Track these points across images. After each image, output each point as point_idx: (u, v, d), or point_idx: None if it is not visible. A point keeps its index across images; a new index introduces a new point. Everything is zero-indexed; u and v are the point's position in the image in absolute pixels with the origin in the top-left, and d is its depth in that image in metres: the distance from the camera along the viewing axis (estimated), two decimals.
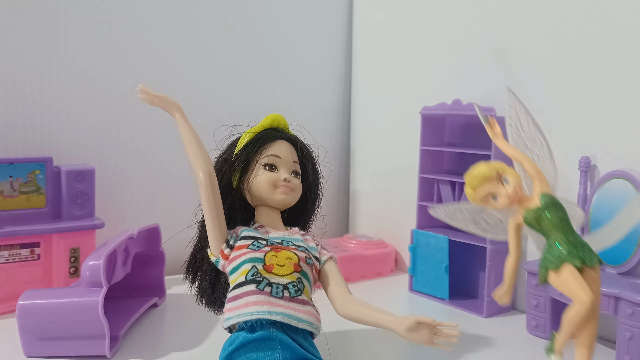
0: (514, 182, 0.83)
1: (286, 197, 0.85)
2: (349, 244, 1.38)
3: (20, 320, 0.85)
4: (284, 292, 0.75)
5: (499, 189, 0.83)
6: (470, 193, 0.86)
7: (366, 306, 0.79)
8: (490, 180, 0.84)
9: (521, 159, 0.86)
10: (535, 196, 0.82)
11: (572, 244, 0.78)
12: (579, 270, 0.76)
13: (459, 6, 1.24)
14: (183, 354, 0.89)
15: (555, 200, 0.82)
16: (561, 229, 0.79)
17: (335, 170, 1.57)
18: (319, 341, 0.81)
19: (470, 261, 1.19)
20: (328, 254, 0.85)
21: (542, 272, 0.80)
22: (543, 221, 0.80)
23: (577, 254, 0.77)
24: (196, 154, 0.81)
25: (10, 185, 1.07)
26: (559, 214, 0.80)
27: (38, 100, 1.18)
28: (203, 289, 0.89)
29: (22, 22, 1.15)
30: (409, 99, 1.35)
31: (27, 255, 1.06)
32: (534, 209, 0.81)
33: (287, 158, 0.86)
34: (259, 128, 0.87)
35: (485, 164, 0.85)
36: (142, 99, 0.85)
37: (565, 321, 0.75)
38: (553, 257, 0.78)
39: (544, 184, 0.83)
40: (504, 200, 0.83)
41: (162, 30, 1.30)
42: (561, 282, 0.77)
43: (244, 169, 0.84)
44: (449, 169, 1.25)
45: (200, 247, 0.88)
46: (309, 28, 1.50)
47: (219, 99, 1.37)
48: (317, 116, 1.53)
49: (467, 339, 0.99)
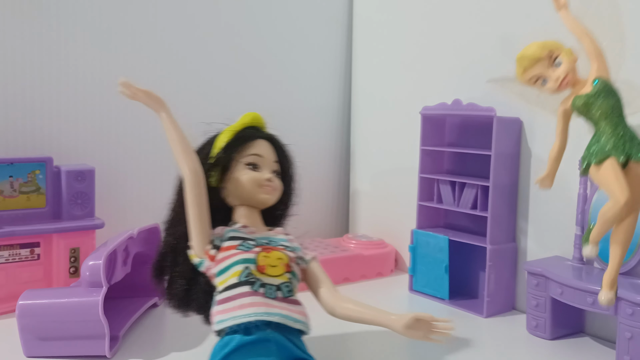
0: (566, 65, 0.77)
1: (270, 197, 0.84)
2: (349, 244, 1.38)
3: (20, 320, 0.85)
4: (277, 292, 0.75)
5: (549, 72, 0.78)
6: (520, 74, 0.81)
7: (361, 305, 0.79)
8: (541, 61, 0.78)
9: (582, 35, 0.78)
10: (590, 80, 0.76)
11: (619, 136, 0.73)
12: (623, 165, 0.72)
13: (459, 6, 1.24)
14: (183, 354, 0.89)
15: (609, 86, 0.76)
16: (611, 119, 0.74)
17: (335, 170, 1.58)
18: (318, 343, 0.81)
19: (470, 261, 1.19)
20: (311, 253, 0.85)
21: (583, 164, 0.76)
22: (592, 109, 0.75)
23: (623, 147, 0.72)
24: (183, 153, 0.79)
25: (10, 185, 1.07)
26: (611, 102, 0.74)
27: (38, 100, 1.18)
28: (175, 292, 0.84)
29: (22, 22, 1.15)
30: (409, 99, 1.35)
31: (27, 255, 1.06)
32: (584, 95, 0.75)
33: (269, 157, 0.85)
34: (239, 127, 0.86)
35: (538, 43, 0.79)
36: (122, 92, 0.81)
37: (599, 214, 0.72)
38: (597, 149, 0.73)
39: (601, 67, 0.77)
40: (553, 84, 0.78)
41: (163, 32, 1.30)
42: (600, 176, 0.73)
43: (225, 168, 0.83)
44: (449, 169, 1.25)
45: (171, 247, 0.84)
46: (308, 28, 1.50)
47: (218, 100, 1.37)
48: (317, 116, 1.53)
49: (467, 339, 0.99)
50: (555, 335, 1.00)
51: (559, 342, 0.99)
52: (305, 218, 1.52)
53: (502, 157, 1.09)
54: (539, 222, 1.10)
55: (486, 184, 1.10)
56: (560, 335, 1.00)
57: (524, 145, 1.12)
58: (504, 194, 1.11)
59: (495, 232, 1.10)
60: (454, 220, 1.25)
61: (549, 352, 0.95)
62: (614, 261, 0.76)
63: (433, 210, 1.24)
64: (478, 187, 1.13)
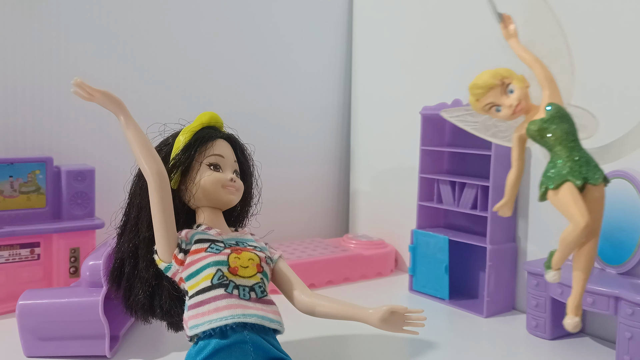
0: (519, 92, 0.77)
1: (233, 197, 0.82)
2: (349, 244, 1.38)
3: (20, 320, 0.84)
4: (250, 293, 0.74)
5: (502, 100, 0.78)
6: (473, 102, 0.81)
7: (334, 301, 0.78)
8: (494, 89, 0.79)
9: (532, 62, 0.79)
10: (542, 106, 0.77)
11: (575, 161, 0.73)
12: (580, 189, 0.72)
13: (459, 6, 1.24)
14: (183, 354, 0.88)
15: (562, 111, 0.76)
16: (566, 143, 0.74)
17: (335, 170, 1.58)
18: (302, 342, 0.81)
19: (470, 261, 1.19)
20: (277, 252, 0.83)
21: (541, 190, 0.76)
22: (546, 134, 0.75)
23: (579, 171, 0.72)
24: (147, 155, 0.76)
25: (10, 185, 1.07)
26: (565, 127, 0.75)
27: (38, 100, 1.18)
28: (137, 299, 0.81)
29: (22, 22, 1.15)
30: (409, 99, 1.35)
31: (27, 255, 1.06)
32: (538, 120, 0.76)
33: (229, 157, 0.83)
34: (197, 127, 0.83)
35: (490, 71, 0.79)
36: (76, 93, 0.78)
37: (560, 239, 0.72)
38: (554, 174, 0.74)
39: (553, 93, 0.77)
40: (506, 111, 0.78)
41: (163, 32, 1.30)
42: (558, 200, 0.73)
43: (185, 170, 0.81)
44: (449, 169, 1.25)
45: (130, 253, 0.81)
46: (308, 28, 1.50)
47: (218, 99, 1.37)
48: (317, 116, 1.53)
49: (467, 339, 0.99)
50: (555, 335, 1.00)
51: (559, 342, 0.99)
52: (306, 218, 1.53)
53: (502, 157, 1.09)
54: (539, 222, 1.10)
55: (486, 184, 1.10)
56: (560, 335, 1.00)
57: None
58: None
59: (495, 232, 1.10)
60: (454, 220, 1.25)
61: (549, 352, 0.95)
62: (578, 287, 0.76)
63: (433, 210, 1.24)
64: (478, 187, 1.13)
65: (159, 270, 0.79)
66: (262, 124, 1.44)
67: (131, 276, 0.82)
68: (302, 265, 1.22)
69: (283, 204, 1.48)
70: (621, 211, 0.94)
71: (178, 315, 0.82)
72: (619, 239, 0.95)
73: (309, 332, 0.98)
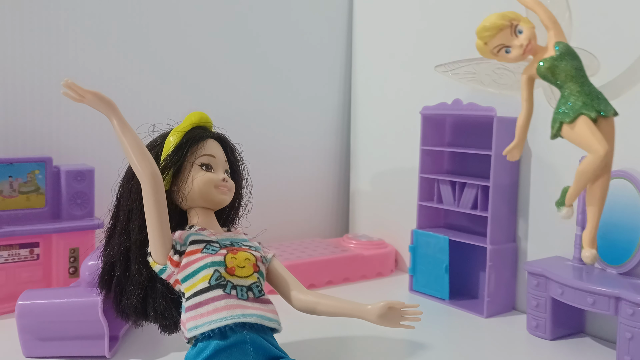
0: (528, 32, 0.78)
1: (226, 197, 0.82)
2: (349, 244, 1.38)
3: (20, 321, 0.84)
4: (248, 293, 0.74)
5: (512, 40, 0.79)
6: (481, 46, 0.82)
7: (332, 298, 0.79)
8: (503, 30, 0.80)
9: (534, 5, 0.81)
10: (550, 46, 0.78)
11: (587, 94, 0.75)
12: (594, 122, 0.73)
13: (459, 6, 1.24)
14: (182, 354, 0.88)
15: (570, 49, 0.78)
16: (576, 79, 0.76)
17: (335, 170, 1.57)
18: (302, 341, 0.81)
19: (470, 261, 1.19)
20: (270, 252, 0.83)
21: (554, 126, 0.77)
22: (557, 72, 0.77)
23: (592, 104, 0.74)
24: (140, 157, 0.75)
25: (10, 185, 1.07)
26: (574, 64, 0.76)
27: (38, 100, 1.18)
28: (130, 302, 0.81)
29: (22, 22, 1.15)
30: (409, 98, 1.35)
31: (27, 255, 1.06)
32: (548, 59, 0.77)
33: (220, 157, 0.83)
34: (187, 127, 0.83)
35: (497, 14, 0.80)
36: (67, 95, 0.77)
37: (577, 172, 0.73)
38: (567, 109, 0.75)
39: (559, 33, 0.79)
40: (517, 52, 0.79)
41: (164, 32, 1.30)
42: (575, 133, 0.74)
43: (178, 171, 0.80)
44: (449, 169, 1.25)
45: (121, 255, 0.81)
46: (309, 28, 1.50)
47: (218, 99, 1.37)
48: (317, 116, 1.53)
49: (467, 339, 0.99)
50: (556, 335, 1.00)
51: (559, 343, 0.98)
52: (306, 218, 1.53)
53: (502, 157, 1.09)
54: (539, 222, 1.10)
55: (486, 184, 1.10)
56: (560, 335, 1.00)
57: (525, 145, 1.11)
58: (504, 194, 1.11)
59: (496, 232, 1.10)
60: (454, 220, 1.25)
61: (549, 352, 0.95)
62: (593, 220, 0.78)
63: (433, 210, 1.24)
64: (478, 187, 1.13)
65: (152, 273, 0.78)
66: (262, 124, 1.44)
67: (123, 279, 0.81)
68: (302, 265, 1.22)
69: (283, 204, 1.48)
70: (621, 211, 0.94)
71: (172, 318, 0.81)
72: (620, 239, 0.95)
73: (309, 332, 0.98)
